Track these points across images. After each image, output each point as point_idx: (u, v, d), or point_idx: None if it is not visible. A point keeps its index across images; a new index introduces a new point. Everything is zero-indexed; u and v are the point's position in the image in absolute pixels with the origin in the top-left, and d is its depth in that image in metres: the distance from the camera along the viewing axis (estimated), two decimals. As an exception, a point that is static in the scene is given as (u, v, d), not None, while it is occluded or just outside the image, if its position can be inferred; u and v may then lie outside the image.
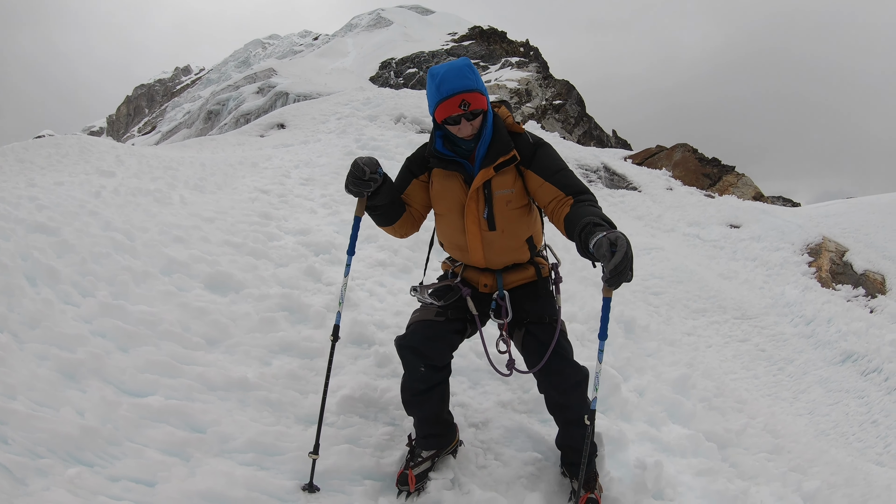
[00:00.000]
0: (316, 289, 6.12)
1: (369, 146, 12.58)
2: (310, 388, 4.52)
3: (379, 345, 5.20)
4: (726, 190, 20.06)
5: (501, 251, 3.92)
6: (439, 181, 3.89)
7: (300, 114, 18.87)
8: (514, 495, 3.96)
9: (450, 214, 3.90)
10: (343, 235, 7.74)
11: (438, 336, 3.84)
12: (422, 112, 16.77)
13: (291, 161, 11.74)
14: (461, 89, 3.53)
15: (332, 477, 3.76)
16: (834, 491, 5.58)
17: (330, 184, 10.06)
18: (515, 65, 63.04)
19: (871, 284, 12.45)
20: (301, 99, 37.46)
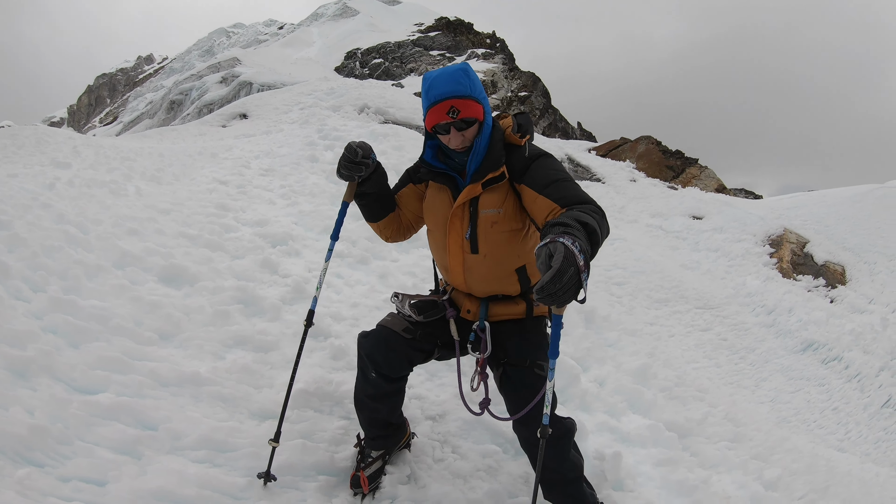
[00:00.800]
0: (272, 281, 6.02)
1: (331, 136, 12.45)
2: (263, 382, 4.43)
3: (335, 337, 5.13)
4: (689, 182, 20.21)
5: (483, 278, 3.54)
6: (431, 194, 3.63)
7: (263, 104, 18.67)
8: (471, 489, 3.91)
9: (436, 230, 3.62)
10: (301, 226, 7.66)
11: (396, 349, 3.61)
12: (385, 102, 16.68)
13: (252, 151, 11.59)
14: (450, 94, 3.23)
15: (286, 473, 3.68)
16: (795, 478, 5.63)
17: (290, 174, 9.93)
18: (481, 56, 62.95)
19: (832, 275, 12.59)
20: (265, 89, 37.05)
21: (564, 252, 2.39)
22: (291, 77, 44.48)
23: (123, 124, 74.21)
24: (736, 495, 4.98)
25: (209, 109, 39.32)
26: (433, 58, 63.60)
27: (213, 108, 39.60)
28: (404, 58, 64.32)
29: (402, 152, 11.53)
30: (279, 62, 57.62)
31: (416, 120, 16.18)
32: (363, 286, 6.29)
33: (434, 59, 63.34)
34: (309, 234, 7.40)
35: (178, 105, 52.49)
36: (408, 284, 6.40)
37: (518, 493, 4.00)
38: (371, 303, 5.95)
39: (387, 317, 3.80)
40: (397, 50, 66.84)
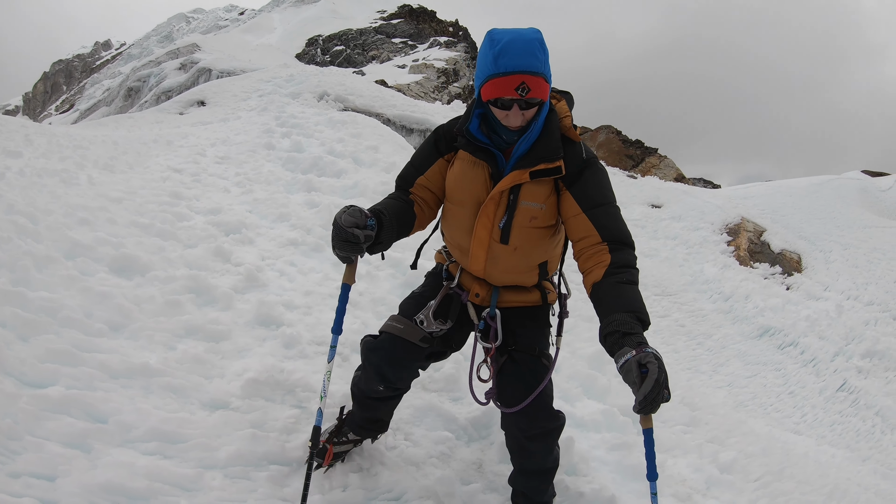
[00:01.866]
0: (224, 269, 5.93)
1: (289, 123, 12.33)
2: (214, 372, 4.37)
3: (287, 326, 5.07)
4: (649, 171, 20.44)
5: (506, 269, 3.31)
6: (462, 166, 3.21)
7: (221, 90, 18.43)
8: (424, 475, 3.89)
9: (461, 209, 3.25)
10: (256, 214, 7.56)
11: (410, 365, 3.41)
12: (345, 90, 16.51)
13: (208, 139, 11.43)
14: (524, 69, 2.80)
15: (236, 463, 3.61)
16: (751, 460, 5.71)
17: (245, 162, 9.81)
18: (444, 44, 62.91)
19: (788, 263, 12.80)
20: (224, 75, 36.62)
21: (659, 364, 2.54)
22: (251, 64, 44.03)
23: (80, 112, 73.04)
24: (692, 478, 5.04)
25: (167, 96, 38.75)
26: (395, 45, 63.42)
27: (171, 95, 39.02)
28: (366, 45, 64.07)
29: (360, 140, 11.45)
30: (239, 49, 57.10)
31: (376, 108, 16.07)
32: (317, 274, 6.23)
33: (396, 46, 63.16)
34: (263, 223, 7.31)
35: (135, 92, 51.67)
36: (361, 272, 6.35)
37: (471, 479, 3.99)
38: (325, 291, 5.89)
39: (396, 323, 3.41)
40: (359, 37, 66.57)
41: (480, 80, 2.93)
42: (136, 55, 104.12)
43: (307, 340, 4.93)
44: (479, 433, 4.43)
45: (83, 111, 72.04)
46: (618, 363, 2.62)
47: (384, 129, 13.34)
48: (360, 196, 8.72)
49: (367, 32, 68.00)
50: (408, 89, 44.43)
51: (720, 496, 4.96)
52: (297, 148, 10.45)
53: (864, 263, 13.08)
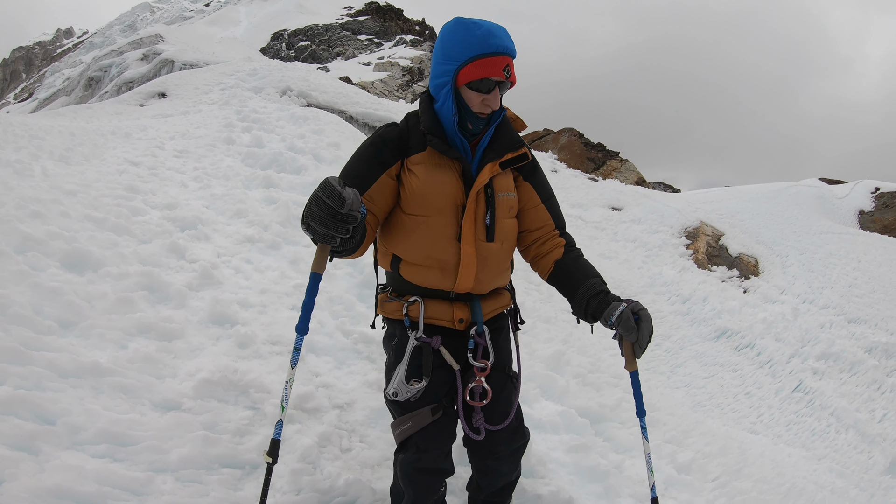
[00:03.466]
0: (179, 266, 5.82)
1: (250, 118, 12.18)
2: (166, 371, 4.28)
3: (241, 324, 4.99)
4: (610, 174, 20.62)
5: (496, 270, 3.13)
6: (427, 170, 2.96)
7: (183, 83, 18.16)
8: (379, 478, 3.87)
9: (437, 217, 2.96)
10: (213, 210, 7.43)
11: (449, 438, 3.12)
12: (308, 85, 16.37)
13: (168, 132, 11.22)
14: (510, 51, 2.83)
15: (187, 466, 3.55)
16: (709, 460, 5.76)
17: (205, 156, 9.66)
18: (410, 43, 62.92)
19: (745, 267, 12.95)
20: (187, 68, 36.20)
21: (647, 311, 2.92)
22: (215, 56, 43.64)
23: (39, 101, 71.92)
24: (649, 479, 5.06)
25: (128, 87, 38.26)
26: (361, 42, 63.22)
27: (132, 86, 38.52)
28: (332, 41, 63.76)
29: (322, 136, 11.33)
30: (203, 41, 56.61)
31: (339, 104, 15.96)
32: (273, 272, 6.14)
33: (362, 43, 62.95)
34: (220, 218, 7.19)
35: (96, 82, 50.94)
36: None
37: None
38: (280, 289, 5.82)
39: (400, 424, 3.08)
40: (325, 33, 66.23)
41: (459, 63, 2.82)
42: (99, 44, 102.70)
43: (262, 340, 4.87)
44: (436, 436, 4.41)
45: (42, 100, 70.91)
46: (612, 316, 2.91)
47: (346, 126, 13.26)
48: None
49: (333, 28, 67.66)
50: (372, 87, 44.32)
51: (678, 496, 5.00)
52: (258, 143, 10.32)
53: (819, 268, 13.27)
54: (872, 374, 9.77)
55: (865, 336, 10.83)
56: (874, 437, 8.25)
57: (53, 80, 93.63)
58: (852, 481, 7.25)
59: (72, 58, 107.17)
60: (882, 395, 9.41)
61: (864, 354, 10.23)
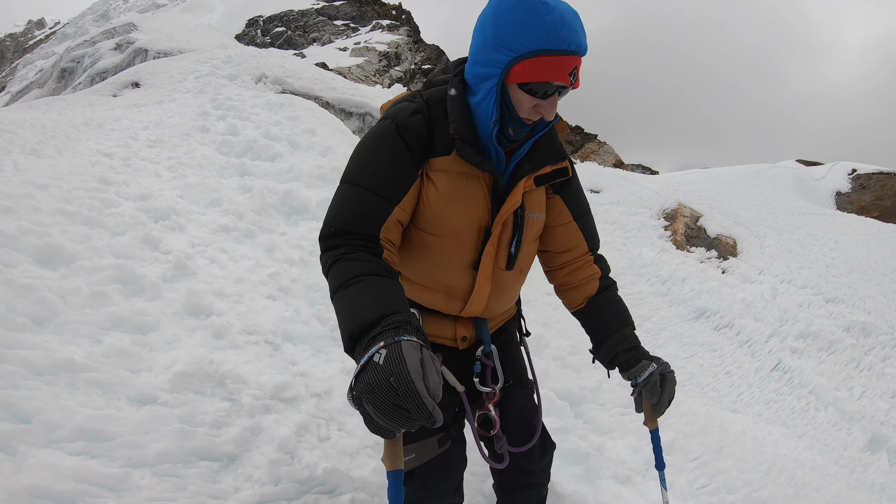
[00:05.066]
0: (153, 258, 5.73)
1: (225, 106, 12.06)
2: (142, 365, 4.22)
3: (217, 315, 4.93)
4: (588, 157, 20.71)
5: (511, 297, 2.76)
6: (450, 182, 2.39)
7: (157, 72, 17.95)
8: (358, 466, 3.85)
9: (455, 241, 2.46)
10: (187, 200, 7.32)
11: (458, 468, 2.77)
12: (284, 72, 16.20)
13: (141, 122, 11.07)
14: (583, 49, 2.19)
15: (164, 461, 3.50)
16: (690, 440, 5.79)
17: (179, 146, 9.54)
18: (386, 28, 62.70)
19: (724, 247, 13.05)
20: (161, 56, 35.81)
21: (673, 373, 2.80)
22: (189, 44, 43.24)
23: (11, 94, 71.03)
24: (630, 459, 5.09)
25: (102, 78, 37.81)
26: (337, 28, 62.88)
27: (106, 76, 38.08)
28: (307, 27, 63.37)
29: (297, 123, 11.23)
30: (177, 28, 56.00)
31: (315, 90, 15.83)
32: (248, 261, 6.08)
33: (338, 29, 62.61)
34: (194, 208, 7.11)
35: (69, 73, 50.29)
36: (295, 258, 6.24)
37: (406, 470, 3.96)
38: (256, 278, 5.76)
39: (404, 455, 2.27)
40: (300, 18, 65.79)
41: (516, 54, 2.16)
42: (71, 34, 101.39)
43: (238, 330, 4.82)
44: (415, 421, 4.40)
45: (15, 93, 70.01)
46: (640, 376, 2.71)
47: (322, 112, 13.15)
48: (295, 180, 8.55)
49: (308, 14, 67.18)
50: (349, 72, 44.13)
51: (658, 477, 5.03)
52: (233, 131, 10.21)
53: (797, 248, 13.42)
54: (851, 352, 9.90)
55: (843, 315, 10.96)
56: (853, 414, 8.35)
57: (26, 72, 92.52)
58: (832, 458, 7.35)
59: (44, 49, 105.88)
60: (860, 372, 9.54)
61: (843, 333, 10.37)
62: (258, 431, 3.88)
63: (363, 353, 1.84)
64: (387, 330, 1.87)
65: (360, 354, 1.87)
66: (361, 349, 1.88)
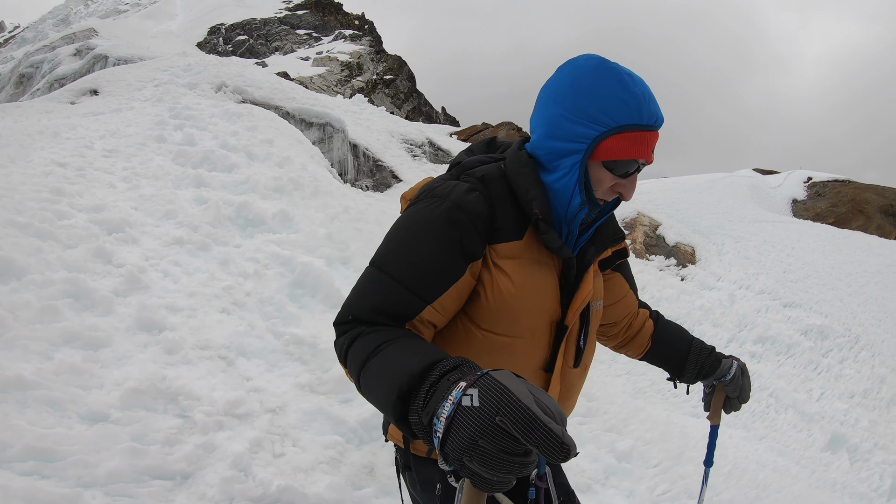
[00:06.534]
0: (105, 271, 5.65)
1: (183, 115, 11.91)
2: (93, 382, 4.16)
3: (170, 330, 4.88)
4: (549, 167, 20.89)
5: (574, 400, 2.38)
6: (523, 273, 2.02)
7: (116, 79, 17.69)
8: (312, 482, 3.82)
9: (529, 340, 2.09)
10: (141, 212, 7.22)
11: None
12: (244, 81, 16.05)
13: (98, 131, 10.90)
14: (661, 124, 2.00)
15: (115, 480, 3.45)
16: (650, 446, 5.82)
17: (134, 155, 9.42)
18: (349, 38, 62.62)
19: (682, 255, 13.17)
20: (121, 63, 35.21)
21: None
22: (150, 51, 42.59)
23: (-32, 100, 69.65)
24: (590, 468, 5.10)
25: (60, 84, 37.04)
26: (300, 37, 62.64)
27: (64, 82, 37.35)
28: (270, 36, 63.07)
29: (255, 133, 11.19)
30: (138, 35, 55.28)
31: (275, 100, 15.69)
32: (202, 274, 6.01)
33: (301, 38, 62.39)
34: (148, 220, 7.00)
35: (27, 79, 49.25)
36: (249, 271, 6.18)
37: (363, 484, 3.94)
38: (210, 291, 5.70)
39: None
40: (263, 27, 65.42)
41: (605, 129, 1.93)
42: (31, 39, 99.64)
43: (190, 345, 4.77)
44: (370, 435, 4.38)
45: (-29, 100, 68.71)
46: (728, 374, 2.73)
47: (281, 123, 13.07)
48: (252, 192, 8.49)
49: (271, 22, 66.82)
50: (310, 82, 43.93)
51: (619, 485, 5.05)
52: (189, 141, 10.10)
53: (754, 255, 13.58)
54: (808, 355, 10.04)
55: (801, 319, 11.11)
56: (812, 415, 8.47)
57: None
58: (793, 459, 7.45)
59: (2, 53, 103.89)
60: (819, 375, 9.69)
61: (800, 337, 10.51)
62: (211, 449, 3.84)
63: (430, 408, 1.43)
64: (449, 372, 1.48)
65: (424, 413, 1.44)
66: (422, 406, 1.46)
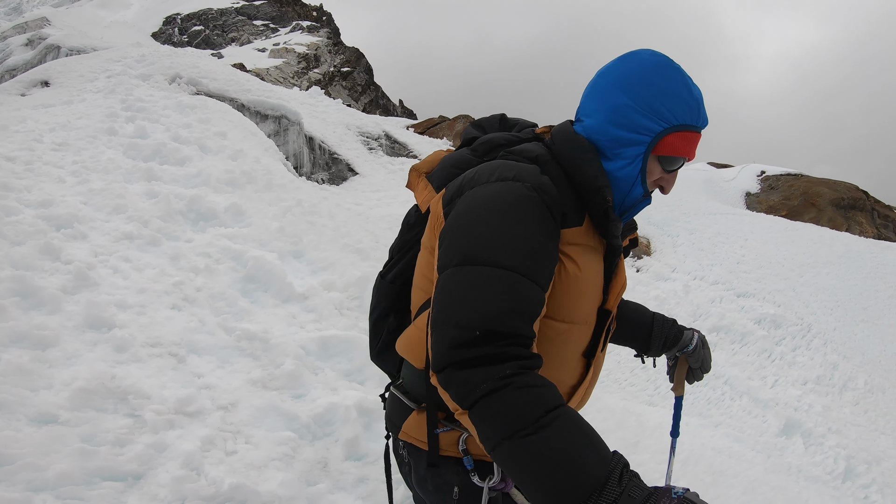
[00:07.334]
0: (53, 268, 5.51)
1: (135, 107, 11.68)
2: (41, 383, 4.07)
3: (119, 327, 4.79)
4: (502, 160, 20.94)
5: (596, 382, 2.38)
6: (585, 259, 2.04)
7: (67, 70, 17.28)
8: (265, 480, 3.78)
9: (582, 326, 2.11)
10: (91, 206, 7.06)
11: None
12: (199, 72, 15.74)
13: (48, 124, 10.62)
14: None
15: (66, 483, 3.38)
16: (606, 436, 5.78)
17: (85, 149, 9.21)
18: (306, 29, 62.04)
19: (638, 247, 13.33)
20: (74, 53, 34.48)
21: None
22: (104, 42, 41.86)
23: (-86, 91, 67.96)
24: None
25: (11, 75, 36.29)
26: (257, 28, 61.95)
27: (16, 73, 36.59)
28: (226, 26, 62.26)
29: (208, 125, 11.04)
30: (92, 25, 54.29)
31: (231, 92, 15.44)
32: (152, 270, 5.90)
33: (257, 29, 61.69)
34: (97, 215, 6.84)
35: (-23, 71, 48.40)
36: (200, 266, 6.09)
37: (316, 479, 3.92)
38: (160, 287, 5.59)
39: None
40: (219, 17, 64.51)
41: (669, 125, 2.01)
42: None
43: (140, 342, 4.69)
44: (323, 430, 4.37)
45: (-83, 91, 67.04)
46: (690, 345, 2.87)
47: (235, 115, 12.91)
48: (204, 185, 8.38)
49: (228, 13, 65.82)
50: (267, 74, 43.48)
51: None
52: (141, 134, 9.92)
53: (708, 246, 13.80)
54: (762, 343, 10.24)
55: (754, 308, 11.31)
56: (767, 401, 8.63)
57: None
58: (748, 444, 7.58)
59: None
60: (772, 362, 9.88)
61: (754, 326, 10.70)
62: (162, 448, 3.78)
63: None
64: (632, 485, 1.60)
65: None
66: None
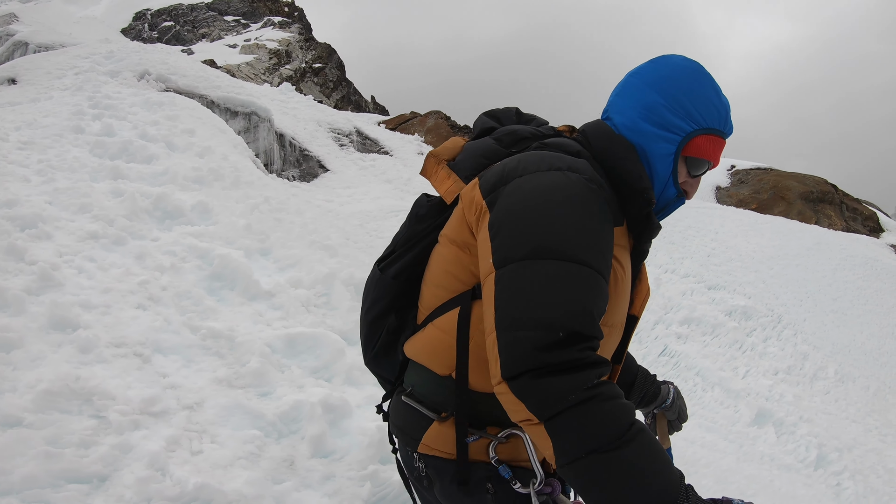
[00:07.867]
0: (17, 269, 5.42)
1: (102, 105, 11.54)
2: (5, 385, 4.01)
3: (84, 328, 4.73)
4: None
5: None
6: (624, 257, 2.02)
7: (35, 67, 17.06)
8: (231, 479, 3.74)
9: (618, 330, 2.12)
10: (56, 206, 6.95)
11: None
12: (168, 69, 15.60)
13: (13, 122, 10.44)
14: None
15: (31, 486, 3.34)
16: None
17: (50, 147, 9.07)
18: (278, 25, 61.78)
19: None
20: (42, 50, 34.13)
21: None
22: (72, 38, 41.44)
23: None
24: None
25: (-23, 73, 36.00)
26: (227, 23, 61.56)
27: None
28: (197, 22, 61.80)
29: (176, 123, 10.96)
30: (61, 21, 53.62)
31: (200, 89, 15.33)
32: (117, 269, 5.83)
33: (228, 24, 61.31)
34: (63, 215, 6.73)
35: (-56, 68, 47.70)
36: (166, 265, 6.04)
37: (283, 478, 3.90)
38: (125, 287, 5.53)
39: None
40: (190, 13, 64.03)
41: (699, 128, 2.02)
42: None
43: (105, 343, 4.64)
44: (289, 428, 4.34)
45: None
46: (667, 400, 2.78)
47: (203, 112, 12.81)
48: (170, 183, 8.30)
49: (198, 8, 65.35)
50: (238, 70, 43.26)
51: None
52: (108, 132, 9.80)
53: (679, 240, 13.91)
54: (733, 335, 10.33)
55: (725, 301, 11.43)
56: (738, 392, 8.72)
57: None
58: (721, 434, 7.67)
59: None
60: (743, 353, 9.99)
61: (725, 317, 10.80)
62: (127, 449, 3.75)
63: None
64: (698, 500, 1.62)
65: None
66: None
